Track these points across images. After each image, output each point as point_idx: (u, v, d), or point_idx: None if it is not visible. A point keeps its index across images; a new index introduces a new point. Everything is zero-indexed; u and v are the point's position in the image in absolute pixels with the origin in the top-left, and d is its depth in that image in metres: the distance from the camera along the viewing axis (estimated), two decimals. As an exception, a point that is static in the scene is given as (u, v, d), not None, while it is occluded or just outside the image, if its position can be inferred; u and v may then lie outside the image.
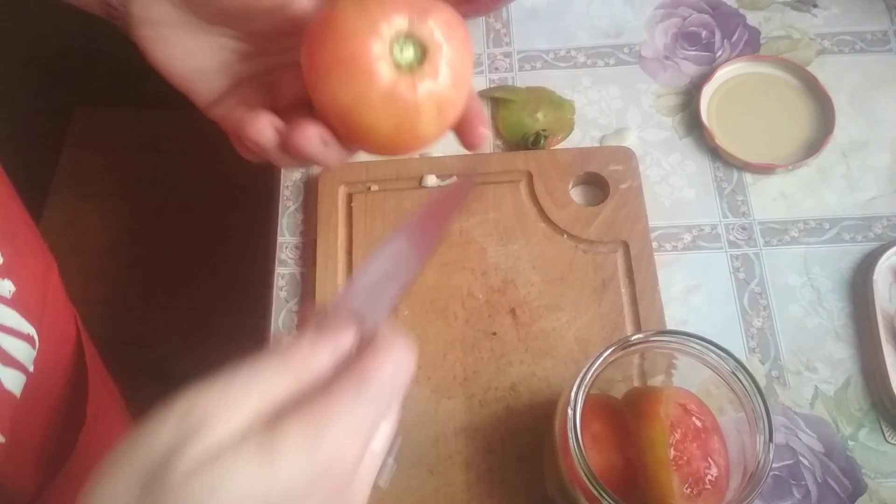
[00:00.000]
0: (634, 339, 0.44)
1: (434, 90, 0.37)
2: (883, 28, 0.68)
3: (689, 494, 0.42)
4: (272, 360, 0.29)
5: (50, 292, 0.51)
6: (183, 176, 1.27)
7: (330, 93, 0.36)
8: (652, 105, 0.66)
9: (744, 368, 0.42)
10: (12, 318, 0.44)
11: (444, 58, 0.36)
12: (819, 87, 0.64)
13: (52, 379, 0.50)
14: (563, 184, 0.61)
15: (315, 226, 0.61)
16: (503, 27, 0.70)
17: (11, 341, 0.44)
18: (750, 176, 0.63)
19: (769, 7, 0.70)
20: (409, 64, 0.36)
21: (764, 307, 0.58)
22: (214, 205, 1.23)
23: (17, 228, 0.49)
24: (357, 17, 0.35)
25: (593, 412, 0.45)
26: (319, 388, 0.29)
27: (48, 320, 0.49)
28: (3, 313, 0.44)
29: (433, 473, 0.52)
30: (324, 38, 0.36)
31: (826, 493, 0.52)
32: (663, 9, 0.71)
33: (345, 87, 0.36)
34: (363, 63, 0.35)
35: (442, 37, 0.36)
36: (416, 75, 0.36)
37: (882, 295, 0.56)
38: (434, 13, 0.36)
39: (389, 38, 0.35)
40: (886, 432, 0.54)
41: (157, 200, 1.26)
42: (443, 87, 0.37)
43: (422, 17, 0.36)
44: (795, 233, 0.61)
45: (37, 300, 0.48)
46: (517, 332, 0.57)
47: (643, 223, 0.59)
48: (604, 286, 0.58)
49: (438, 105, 0.37)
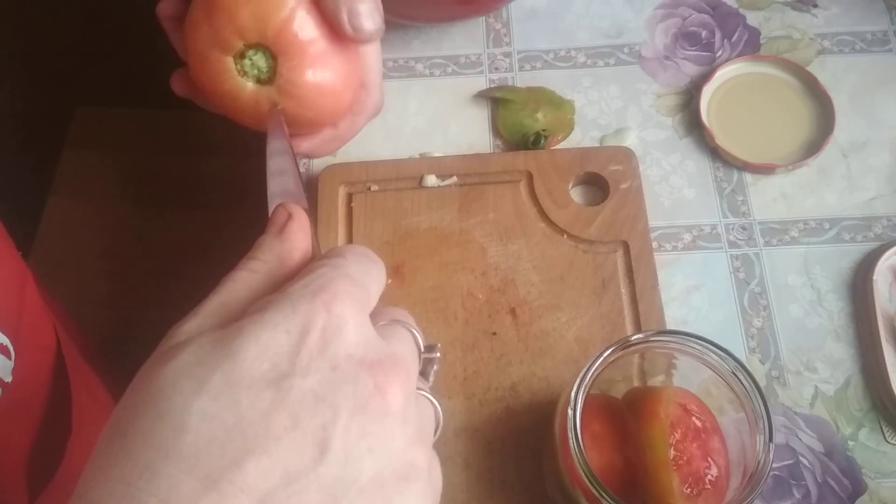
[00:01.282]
0: (634, 339, 0.44)
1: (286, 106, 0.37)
2: (883, 28, 0.68)
3: (689, 494, 0.42)
4: (243, 261, 0.30)
5: (27, 302, 0.49)
6: (183, 176, 1.27)
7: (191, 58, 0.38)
8: (652, 105, 0.66)
9: (744, 368, 0.43)
10: None
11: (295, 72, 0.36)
12: (819, 87, 0.64)
13: (33, 389, 0.49)
14: (563, 184, 0.61)
15: (315, 226, 0.61)
16: (503, 27, 0.70)
17: None
18: (750, 176, 0.63)
19: (769, 7, 0.70)
20: (255, 74, 0.37)
21: (764, 307, 0.58)
22: (214, 205, 1.23)
23: None
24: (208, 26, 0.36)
25: (593, 412, 0.45)
26: None
27: (25, 330, 0.47)
28: None
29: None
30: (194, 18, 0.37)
31: (826, 493, 0.52)
32: (663, 9, 0.71)
33: (200, 72, 0.38)
34: (214, 70, 0.37)
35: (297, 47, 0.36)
36: (266, 89, 0.36)
37: (882, 295, 0.56)
38: None
39: (238, 49, 0.36)
40: (886, 432, 0.54)
41: (157, 200, 1.26)
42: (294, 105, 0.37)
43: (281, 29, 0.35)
44: (795, 233, 0.61)
45: (12, 309, 0.46)
46: (517, 332, 0.57)
47: (643, 223, 0.59)
48: (604, 286, 0.58)
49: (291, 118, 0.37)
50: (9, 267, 0.49)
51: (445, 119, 0.66)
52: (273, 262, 0.29)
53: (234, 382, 0.24)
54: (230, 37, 0.35)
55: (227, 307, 0.27)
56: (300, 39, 0.35)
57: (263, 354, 0.24)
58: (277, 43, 0.35)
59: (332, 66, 0.37)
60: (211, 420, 0.23)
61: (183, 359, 0.25)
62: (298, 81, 0.36)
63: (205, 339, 0.25)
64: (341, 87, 0.38)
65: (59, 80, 1.36)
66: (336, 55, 0.36)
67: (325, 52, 0.36)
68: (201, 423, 0.23)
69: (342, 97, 0.38)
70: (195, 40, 0.37)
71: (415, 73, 0.68)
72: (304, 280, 0.27)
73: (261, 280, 0.29)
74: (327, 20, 0.35)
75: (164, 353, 0.25)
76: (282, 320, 0.25)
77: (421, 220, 0.60)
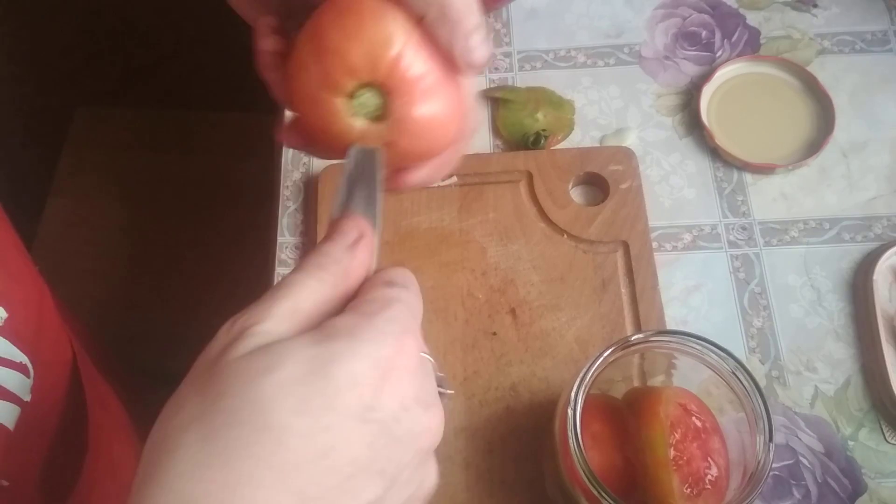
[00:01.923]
0: (634, 339, 0.44)
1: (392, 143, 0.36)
2: (883, 28, 0.68)
3: (689, 494, 0.42)
4: (309, 268, 0.30)
5: (45, 318, 0.49)
6: (183, 176, 1.27)
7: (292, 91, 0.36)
8: (652, 105, 0.66)
9: (744, 368, 0.43)
10: (4, 346, 0.42)
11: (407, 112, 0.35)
12: (819, 87, 0.64)
13: (49, 407, 0.49)
14: (563, 184, 0.61)
15: (315, 226, 0.61)
16: (503, 27, 0.70)
17: (3, 372, 0.42)
18: (750, 176, 0.63)
19: (769, 7, 0.70)
20: (366, 113, 0.36)
21: (764, 307, 0.58)
22: (214, 205, 1.23)
23: (8, 253, 0.47)
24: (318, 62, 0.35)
25: (593, 412, 0.45)
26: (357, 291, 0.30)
27: (43, 347, 0.47)
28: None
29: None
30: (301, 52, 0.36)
31: (826, 493, 0.52)
32: (663, 9, 0.71)
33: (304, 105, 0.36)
34: (321, 108, 0.35)
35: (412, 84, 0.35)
36: (375, 126, 0.36)
37: (882, 295, 0.56)
38: None
39: (349, 90, 0.35)
40: (886, 432, 0.54)
41: (157, 200, 1.26)
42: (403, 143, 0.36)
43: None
44: (795, 233, 0.61)
45: (31, 327, 0.46)
46: (517, 332, 0.57)
47: (643, 223, 0.59)
48: (604, 286, 0.58)
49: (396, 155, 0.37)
50: (28, 285, 0.49)
51: (445, 119, 0.66)
52: (339, 274, 0.31)
53: (329, 407, 0.26)
54: (341, 77, 0.34)
55: (298, 314, 0.29)
56: (411, 75, 0.35)
57: (354, 385, 0.27)
58: (389, 80, 0.34)
59: (442, 98, 0.36)
60: (308, 440, 0.26)
61: (282, 374, 0.26)
62: (411, 117, 0.35)
63: (300, 354, 0.27)
64: (452, 117, 0.37)
65: (59, 80, 1.36)
66: (445, 86, 0.36)
67: (435, 84, 0.35)
68: (301, 441, 0.25)
69: (453, 126, 0.38)
70: (303, 82, 0.36)
71: (415, 73, 0.68)
72: (388, 313, 0.29)
73: (327, 291, 0.30)
74: (440, 53, 0.35)
75: (257, 360, 0.27)
76: (372, 354, 0.27)
77: (421, 220, 0.60)
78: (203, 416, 0.26)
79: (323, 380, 0.26)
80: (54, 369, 0.50)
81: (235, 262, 0.99)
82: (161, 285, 1.20)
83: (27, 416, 0.43)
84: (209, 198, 1.25)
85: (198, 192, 1.25)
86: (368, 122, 0.35)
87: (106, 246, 1.23)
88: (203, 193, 1.25)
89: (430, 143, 0.37)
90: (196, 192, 1.26)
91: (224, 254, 1.15)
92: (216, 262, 1.16)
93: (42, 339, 0.47)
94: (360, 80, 0.34)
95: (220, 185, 1.24)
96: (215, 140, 1.30)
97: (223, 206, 1.22)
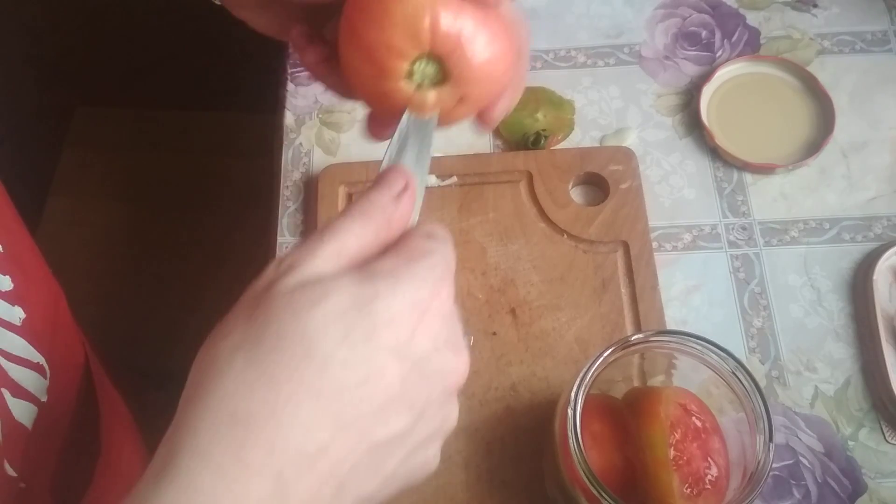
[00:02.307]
0: (634, 339, 0.44)
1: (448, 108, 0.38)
2: (883, 28, 0.68)
3: (689, 494, 0.42)
4: (355, 214, 0.32)
5: (60, 320, 0.50)
6: (183, 176, 1.27)
7: (347, 62, 0.38)
8: (652, 105, 0.66)
9: (744, 368, 0.43)
10: (22, 346, 0.43)
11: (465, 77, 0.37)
12: (819, 87, 0.64)
13: (64, 408, 0.49)
14: (563, 184, 0.61)
15: (315, 226, 0.61)
16: (503, 27, 0.70)
17: (21, 371, 0.43)
18: (750, 176, 0.63)
19: (769, 7, 0.70)
20: (429, 81, 0.37)
21: (764, 307, 0.58)
22: (214, 205, 1.23)
23: (24, 255, 0.47)
24: None
25: (593, 412, 0.45)
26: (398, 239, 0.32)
27: (58, 348, 0.48)
28: (12, 342, 0.42)
29: (433, 473, 0.52)
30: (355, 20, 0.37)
31: (826, 493, 0.52)
32: (663, 9, 0.71)
33: (362, 74, 0.38)
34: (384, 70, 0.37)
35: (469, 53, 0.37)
36: (433, 92, 0.37)
37: (882, 295, 0.56)
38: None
39: (405, 71, 0.36)
40: (886, 432, 0.54)
41: (157, 200, 1.26)
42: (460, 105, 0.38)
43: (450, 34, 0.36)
44: (795, 233, 0.61)
45: (47, 328, 0.47)
46: (517, 332, 0.56)
47: (643, 223, 0.59)
48: (604, 286, 0.58)
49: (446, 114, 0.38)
50: (43, 287, 0.49)
51: (445, 119, 0.66)
52: (382, 223, 0.32)
53: (369, 340, 0.28)
54: (393, 64, 0.36)
55: (342, 257, 0.31)
56: (452, 32, 0.36)
57: (392, 322, 0.29)
58: (436, 47, 0.36)
59: (487, 36, 0.37)
60: (348, 369, 0.28)
61: (328, 307, 0.28)
62: (469, 68, 0.37)
63: (345, 290, 0.29)
64: (503, 47, 0.39)
65: (59, 80, 1.36)
66: (485, 24, 0.37)
67: (476, 28, 0.37)
68: (341, 370, 0.27)
69: (509, 55, 0.39)
70: (362, 81, 0.38)
71: (415, 73, 0.68)
72: (428, 261, 0.31)
73: (369, 237, 0.32)
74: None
75: (304, 293, 0.28)
76: (411, 295, 0.29)
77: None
78: (250, 341, 0.28)
79: (365, 315, 0.28)
80: (68, 371, 0.50)
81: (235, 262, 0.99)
82: (160, 285, 1.20)
83: (43, 416, 0.44)
84: (209, 198, 1.25)
85: (197, 193, 1.26)
86: (436, 88, 0.37)
87: (106, 245, 1.23)
88: (203, 193, 1.25)
89: (496, 80, 0.39)
90: (196, 193, 1.26)
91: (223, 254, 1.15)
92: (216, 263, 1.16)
93: (57, 341, 0.48)
94: (410, 57, 0.36)
95: (219, 186, 1.24)
96: (215, 140, 1.30)
97: (223, 206, 1.22)
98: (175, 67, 1.31)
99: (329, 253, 0.30)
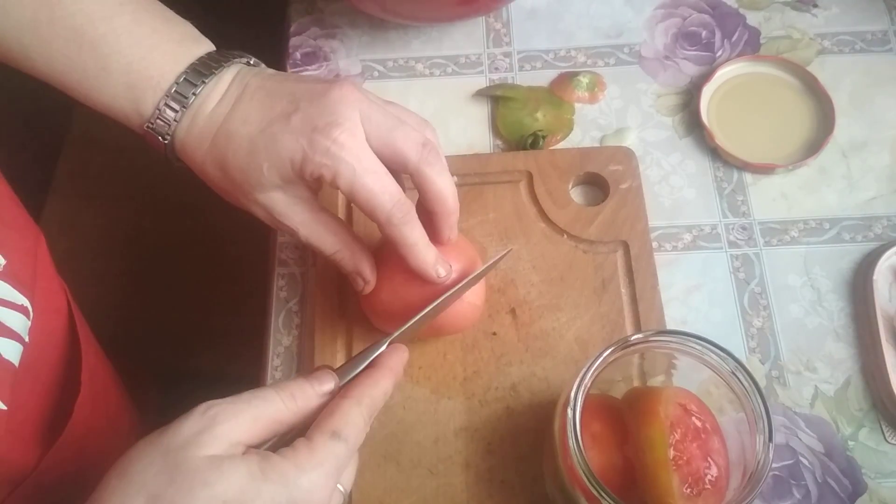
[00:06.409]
0: (634, 339, 0.44)
1: None
2: (883, 28, 0.68)
3: (689, 494, 0.42)
4: (275, 388, 0.39)
5: (40, 265, 0.52)
6: (183, 176, 1.27)
7: None
8: (652, 105, 0.66)
9: (744, 368, 0.42)
10: (6, 290, 0.45)
11: None
12: (819, 87, 0.64)
13: (47, 349, 0.52)
14: (563, 184, 0.61)
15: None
16: (503, 27, 0.70)
17: (7, 312, 0.45)
18: (750, 176, 0.63)
19: (769, 7, 0.70)
20: None
21: (764, 307, 0.58)
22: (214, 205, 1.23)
23: (2, 203, 0.49)
24: None
25: (593, 412, 0.45)
26: (305, 427, 0.39)
27: (40, 292, 0.50)
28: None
29: (433, 473, 0.52)
30: None
31: (826, 493, 0.52)
32: (663, 9, 0.71)
33: None
34: None
35: None
36: None
37: (882, 295, 0.56)
38: None
39: None
40: (886, 432, 0.54)
41: (157, 200, 1.26)
42: None
43: None
44: (795, 233, 0.61)
45: (28, 273, 0.49)
46: (517, 332, 0.57)
47: (643, 223, 0.59)
48: (604, 286, 0.58)
49: None
50: (23, 229, 0.51)
51: (445, 119, 0.66)
52: (302, 408, 0.39)
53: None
54: None
55: (257, 423, 0.37)
56: None
57: None
58: None
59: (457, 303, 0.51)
60: None
61: (216, 491, 0.34)
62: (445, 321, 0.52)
63: (235, 483, 0.35)
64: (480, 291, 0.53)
65: (59, 80, 1.36)
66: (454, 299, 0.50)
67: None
68: None
69: (474, 299, 0.53)
70: None
71: (415, 73, 0.68)
72: (317, 472, 0.37)
73: (287, 414, 0.39)
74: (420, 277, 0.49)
75: (205, 470, 0.35)
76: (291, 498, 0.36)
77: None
78: (155, 491, 0.34)
79: (254, 495, 0.35)
80: (50, 315, 0.53)
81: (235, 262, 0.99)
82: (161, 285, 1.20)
83: (28, 355, 0.46)
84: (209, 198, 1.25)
85: (197, 193, 1.25)
86: None
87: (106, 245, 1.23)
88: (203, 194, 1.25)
89: (461, 316, 0.52)
90: (196, 193, 1.25)
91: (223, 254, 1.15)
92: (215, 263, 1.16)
93: (38, 285, 0.50)
94: None
95: (219, 186, 1.24)
96: (215, 140, 1.30)
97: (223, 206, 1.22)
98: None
99: (247, 419, 0.37)
